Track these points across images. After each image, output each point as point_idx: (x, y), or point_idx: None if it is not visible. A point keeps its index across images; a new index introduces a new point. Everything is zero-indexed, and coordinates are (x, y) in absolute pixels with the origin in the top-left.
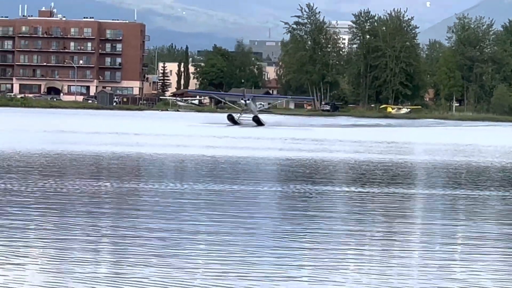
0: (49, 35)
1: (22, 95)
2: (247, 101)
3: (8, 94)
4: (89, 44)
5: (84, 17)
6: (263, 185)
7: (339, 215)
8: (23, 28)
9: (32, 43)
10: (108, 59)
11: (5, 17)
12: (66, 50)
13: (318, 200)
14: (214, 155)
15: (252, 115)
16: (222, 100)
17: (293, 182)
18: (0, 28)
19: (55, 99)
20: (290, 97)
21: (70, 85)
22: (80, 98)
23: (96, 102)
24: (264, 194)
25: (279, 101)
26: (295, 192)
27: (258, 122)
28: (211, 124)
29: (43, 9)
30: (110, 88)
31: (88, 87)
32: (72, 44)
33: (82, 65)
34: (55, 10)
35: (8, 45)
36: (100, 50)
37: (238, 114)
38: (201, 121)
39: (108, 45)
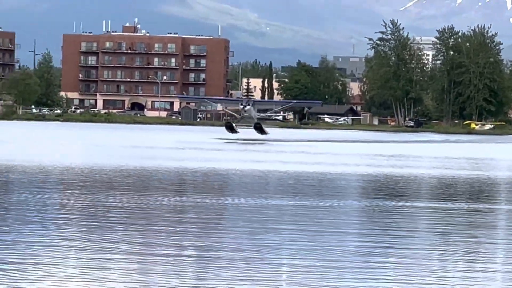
0: (133, 50)
1: (106, 110)
2: (246, 107)
3: (92, 109)
4: (173, 60)
5: (168, 33)
6: (343, 200)
7: (421, 230)
8: (107, 44)
9: (116, 59)
10: (192, 75)
11: (89, 32)
12: (150, 66)
13: (400, 215)
14: (295, 170)
15: (249, 123)
16: (223, 106)
17: (374, 198)
18: (84, 43)
19: (139, 115)
20: (295, 101)
21: (154, 101)
22: (164, 114)
23: (180, 118)
24: (344, 209)
25: (283, 107)
26: (377, 207)
27: (260, 130)
28: (294, 141)
29: (127, 24)
30: (194, 104)
31: (172, 103)
32: (156, 59)
33: (166, 81)
34: (139, 26)
35: (92, 60)
36: (184, 66)
37: (242, 121)
38: (283, 137)
39: (192, 61)
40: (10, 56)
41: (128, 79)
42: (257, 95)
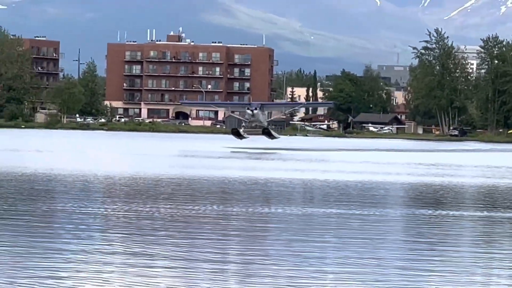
0: (178, 59)
1: (150, 119)
2: (254, 111)
3: (136, 118)
4: (218, 69)
5: (213, 42)
6: (382, 209)
7: (463, 240)
8: (152, 53)
9: (160, 68)
10: (236, 84)
11: (134, 41)
12: (195, 75)
13: (442, 224)
14: (334, 179)
15: (256, 128)
16: (229, 111)
17: (413, 207)
18: (129, 52)
19: (183, 124)
20: (306, 103)
21: (198, 110)
22: (208, 123)
23: (224, 127)
24: (384, 218)
25: (293, 109)
26: (421, 216)
27: (269, 135)
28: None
29: (172, 33)
30: (238, 113)
31: (216, 112)
32: (200, 68)
33: (210, 90)
34: (183, 35)
35: (136, 69)
36: (228, 75)
37: (250, 127)
38: (326, 146)
39: (236, 70)
40: (54, 65)
41: (173, 88)
42: None
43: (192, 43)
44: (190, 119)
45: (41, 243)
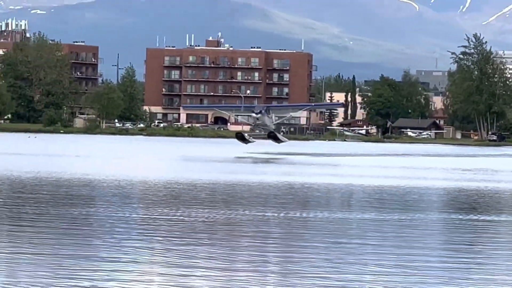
0: (216, 65)
1: (189, 124)
2: (259, 114)
3: (175, 123)
4: (256, 74)
5: (252, 47)
6: (422, 214)
7: (503, 245)
8: (190, 58)
9: (199, 73)
10: (275, 89)
11: (172, 46)
12: (233, 80)
13: (479, 229)
14: (369, 184)
15: (261, 131)
16: (233, 114)
17: (448, 212)
18: (168, 57)
19: (222, 129)
20: (313, 104)
21: (237, 115)
22: (247, 128)
23: (262, 132)
24: (420, 223)
25: (300, 111)
26: (462, 221)
27: (275, 139)
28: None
29: (210, 38)
30: (277, 118)
31: None
32: (239, 73)
33: (249, 95)
34: (222, 40)
35: (175, 74)
36: (267, 80)
37: (254, 131)
38: (364, 151)
39: (275, 75)
40: (93, 70)
41: (212, 93)
42: (340, 109)
43: (231, 48)
44: (228, 124)
45: (76, 250)
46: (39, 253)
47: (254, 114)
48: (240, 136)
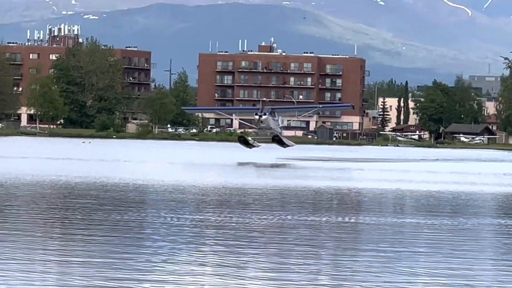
0: (269, 70)
1: (242, 130)
2: (263, 116)
3: (228, 129)
4: (309, 79)
5: (304, 52)
6: (473, 219)
7: None
8: (243, 63)
9: (251, 78)
10: (328, 94)
11: (225, 52)
12: (286, 85)
13: None
14: (418, 189)
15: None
16: (233, 117)
17: (502, 216)
18: (220, 63)
19: None
20: (321, 106)
21: (289, 120)
22: (299, 133)
23: (316, 137)
24: (475, 228)
25: (308, 113)
26: (507, 226)
27: (280, 143)
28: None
29: (263, 44)
30: (329, 123)
31: (307, 122)
32: (292, 79)
33: (302, 100)
34: (275, 45)
35: (228, 80)
36: (320, 85)
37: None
38: (418, 156)
39: (328, 80)
40: (146, 75)
41: (264, 99)
42: (392, 115)
43: (283, 54)
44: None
45: (129, 254)
46: (90, 257)
47: (257, 117)
48: (242, 140)
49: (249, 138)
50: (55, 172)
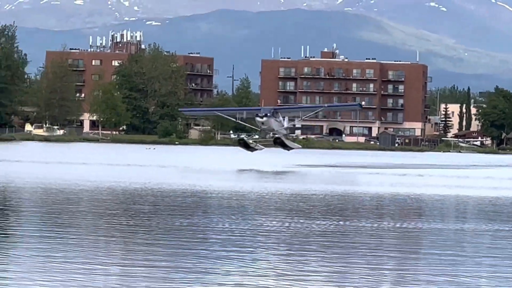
0: (331, 76)
1: (304, 136)
2: (264, 117)
3: (290, 135)
4: (371, 85)
5: (367, 58)
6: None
7: None
8: (305, 69)
9: (314, 84)
10: (390, 100)
11: (288, 58)
12: (348, 91)
13: None
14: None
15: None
16: (236, 119)
17: None
18: (283, 69)
19: (337, 140)
20: (326, 105)
21: (352, 126)
22: (362, 139)
23: (378, 144)
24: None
25: (313, 113)
26: None
27: (282, 145)
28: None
29: (325, 50)
30: (392, 129)
31: (370, 128)
32: (354, 85)
33: (364, 106)
34: (337, 51)
35: (290, 86)
36: (382, 91)
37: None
38: (481, 162)
39: (390, 86)
40: (208, 81)
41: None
42: (455, 121)
43: (346, 60)
44: (343, 135)
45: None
46: (151, 266)
47: (258, 118)
48: (243, 143)
49: (250, 141)
50: (115, 179)
